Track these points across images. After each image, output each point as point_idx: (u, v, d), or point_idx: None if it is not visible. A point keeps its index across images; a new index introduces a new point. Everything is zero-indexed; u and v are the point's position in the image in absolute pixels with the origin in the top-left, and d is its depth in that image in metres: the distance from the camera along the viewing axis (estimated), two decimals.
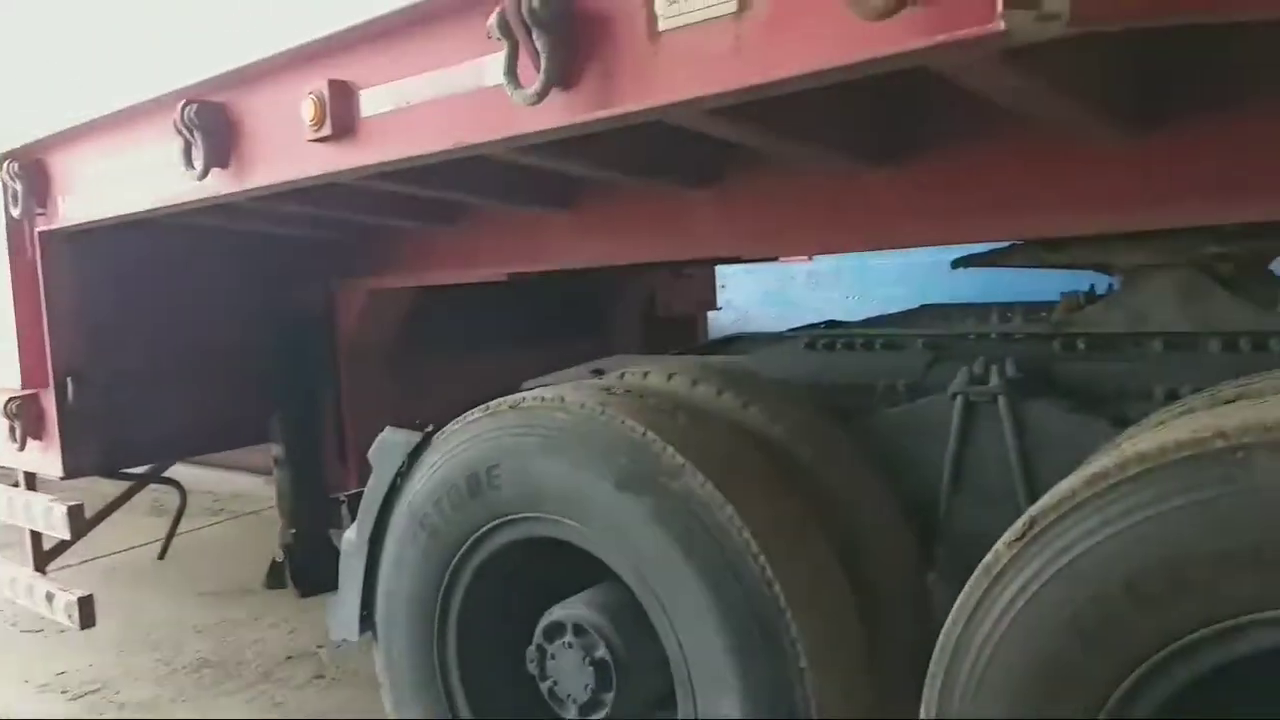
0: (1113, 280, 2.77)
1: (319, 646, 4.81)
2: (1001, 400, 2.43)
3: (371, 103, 2.14)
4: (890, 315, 3.87)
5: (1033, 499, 2.06)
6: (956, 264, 2.97)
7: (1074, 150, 2.15)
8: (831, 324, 3.65)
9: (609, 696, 2.46)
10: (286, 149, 2.35)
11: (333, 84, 2.17)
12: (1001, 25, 1.23)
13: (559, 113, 1.76)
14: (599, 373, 3.09)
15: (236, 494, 7.81)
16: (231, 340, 4.03)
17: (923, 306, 3.97)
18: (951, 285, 5.57)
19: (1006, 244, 2.77)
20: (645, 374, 2.80)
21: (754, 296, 8.50)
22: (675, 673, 2.30)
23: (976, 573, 1.89)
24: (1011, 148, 2.25)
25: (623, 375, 2.84)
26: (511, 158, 2.24)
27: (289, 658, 4.78)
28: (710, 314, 6.20)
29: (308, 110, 2.21)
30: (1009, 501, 2.41)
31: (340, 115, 2.17)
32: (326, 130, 2.19)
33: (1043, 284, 3.43)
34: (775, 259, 4.33)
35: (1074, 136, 2.10)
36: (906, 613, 2.45)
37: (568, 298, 4.98)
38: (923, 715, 1.94)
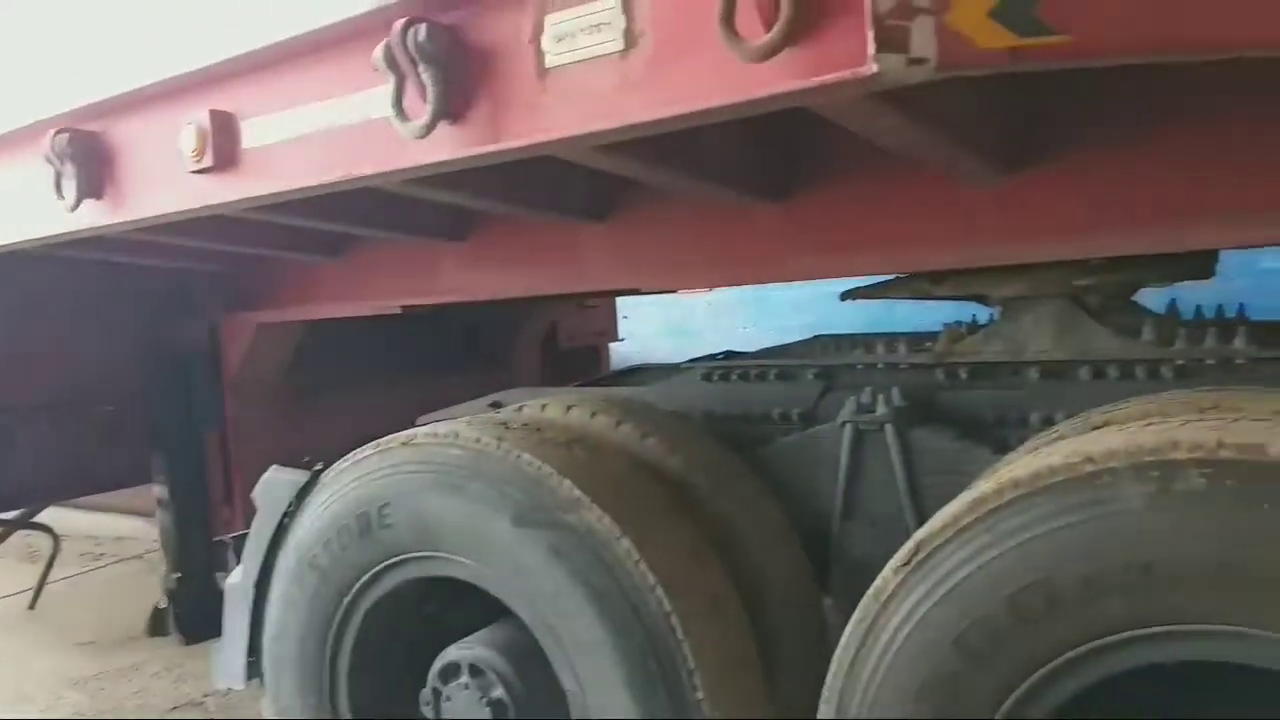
0: (992, 311, 2.88)
1: (206, 695, 4.60)
2: (889, 428, 2.51)
3: (255, 133, 2.08)
4: (785, 346, 3.94)
5: (920, 523, 2.12)
6: (845, 296, 3.05)
7: (952, 187, 2.24)
8: (729, 354, 3.70)
9: None
10: (166, 180, 2.27)
11: (214, 114, 2.12)
12: (874, 68, 1.28)
13: (447, 146, 1.75)
14: (497, 406, 3.06)
15: (119, 537, 7.44)
16: (108, 377, 3.85)
17: (815, 337, 4.06)
18: (848, 316, 5.72)
19: (892, 276, 2.86)
20: (543, 407, 2.79)
21: (656, 327, 8.56)
22: (573, 709, 2.28)
23: (866, 597, 1.93)
24: (894, 185, 2.33)
25: (520, 409, 2.82)
26: (401, 190, 2.22)
27: (174, 708, 4.55)
28: (613, 345, 6.21)
29: (188, 140, 2.14)
30: (898, 526, 2.48)
31: (222, 146, 2.11)
32: (208, 161, 2.13)
33: (933, 314, 3.54)
34: (674, 291, 4.37)
35: (952, 175, 2.19)
36: (803, 638, 2.49)
37: (467, 330, 4.92)
38: None
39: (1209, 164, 2.01)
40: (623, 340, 6.40)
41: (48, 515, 4.60)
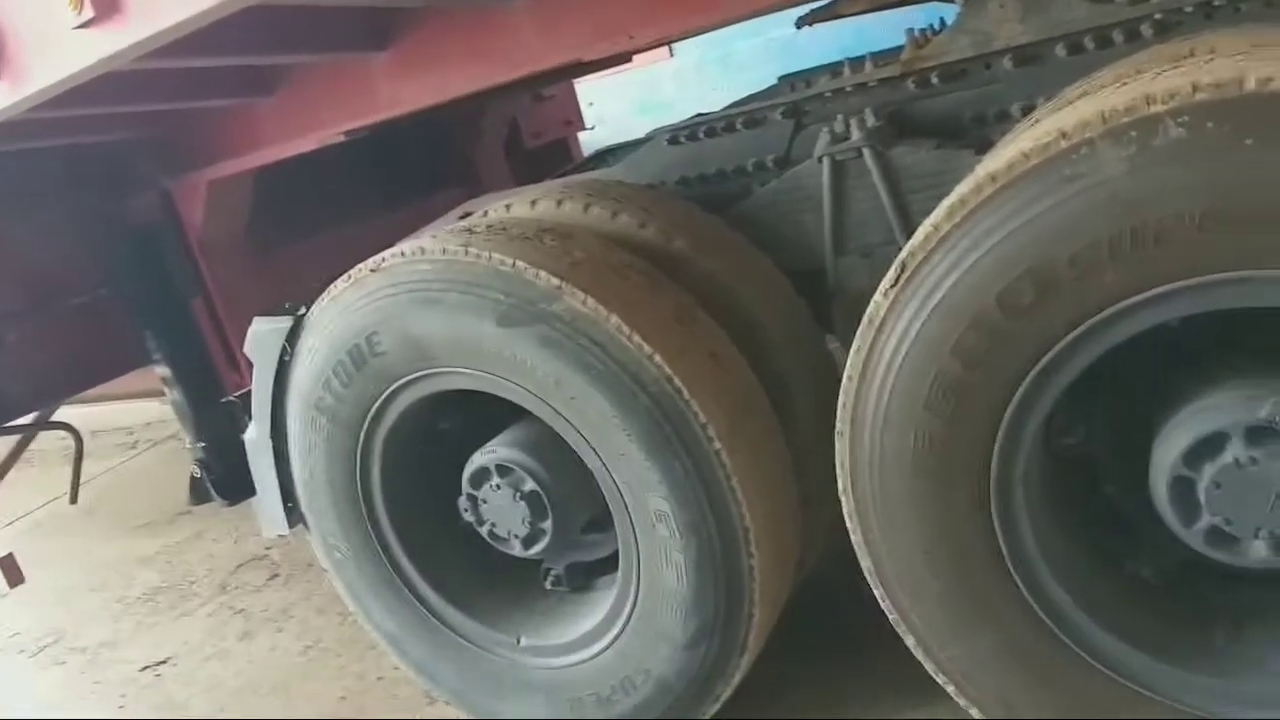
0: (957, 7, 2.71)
1: (267, 548, 4.81)
2: (866, 152, 2.42)
3: None
4: (751, 96, 3.77)
5: None
6: (800, 23, 2.88)
7: None
8: (693, 117, 3.55)
9: (547, 524, 2.50)
10: (52, 44, 2.11)
11: None
12: None
13: None
14: (467, 216, 2.98)
15: (148, 422, 7.60)
16: (76, 266, 3.77)
17: (780, 79, 3.87)
18: (820, 52, 5.42)
19: None
20: (508, 206, 2.71)
21: (625, 108, 8.26)
22: (603, 485, 2.33)
23: (861, 325, 1.92)
24: None
25: (485, 213, 2.74)
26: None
27: (240, 566, 4.79)
28: (582, 134, 5.99)
29: None
30: (892, 250, 2.42)
31: None
32: (89, 12, 1.96)
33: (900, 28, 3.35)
34: (627, 61, 4.13)
35: None
36: (809, 375, 2.51)
37: (430, 149, 4.74)
38: (838, 469, 2.00)
39: None
40: (592, 128, 6.16)
41: (75, 417, 4.66)
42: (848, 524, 2.02)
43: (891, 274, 1.87)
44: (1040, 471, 1.88)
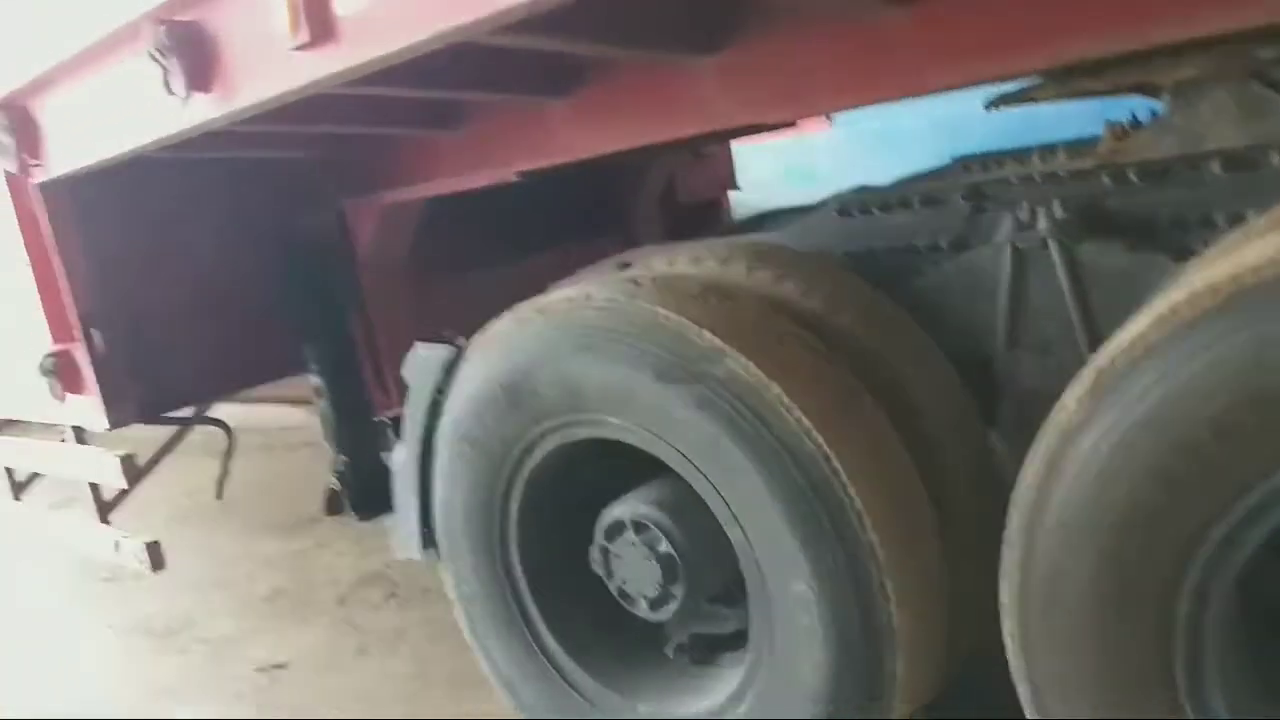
0: (1160, 103, 2.58)
1: (388, 566, 4.89)
2: (1052, 244, 2.30)
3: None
4: (924, 174, 3.67)
5: (1093, 346, 1.95)
6: (991, 105, 2.78)
7: None
8: (862, 190, 3.49)
9: (678, 589, 2.43)
10: (268, 62, 2.20)
11: None
12: None
13: None
14: (625, 266, 2.98)
15: (284, 428, 7.90)
16: (248, 272, 3.95)
17: (956, 160, 3.76)
18: (984, 136, 5.28)
19: (1037, 80, 2.58)
20: (671, 261, 2.69)
21: (776, 173, 8.22)
22: (742, 559, 2.26)
23: (1047, 431, 1.79)
24: None
25: (648, 265, 2.73)
26: (501, 41, 2.08)
27: (361, 580, 4.88)
28: (732, 195, 5.99)
29: (282, 16, 2.06)
30: (1070, 350, 2.30)
31: (316, 16, 2.01)
32: (304, 36, 2.04)
33: (1082, 120, 3.21)
34: (793, 124, 4.10)
35: None
36: (970, 473, 2.37)
37: (587, 196, 4.81)
38: (1002, 580, 1.87)
39: None
40: (741, 189, 6.15)
41: (222, 412, 4.88)
42: (1007, 643, 1.87)
43: (1086, 380, 1.75)
44: (1235, 616, 1.70)
